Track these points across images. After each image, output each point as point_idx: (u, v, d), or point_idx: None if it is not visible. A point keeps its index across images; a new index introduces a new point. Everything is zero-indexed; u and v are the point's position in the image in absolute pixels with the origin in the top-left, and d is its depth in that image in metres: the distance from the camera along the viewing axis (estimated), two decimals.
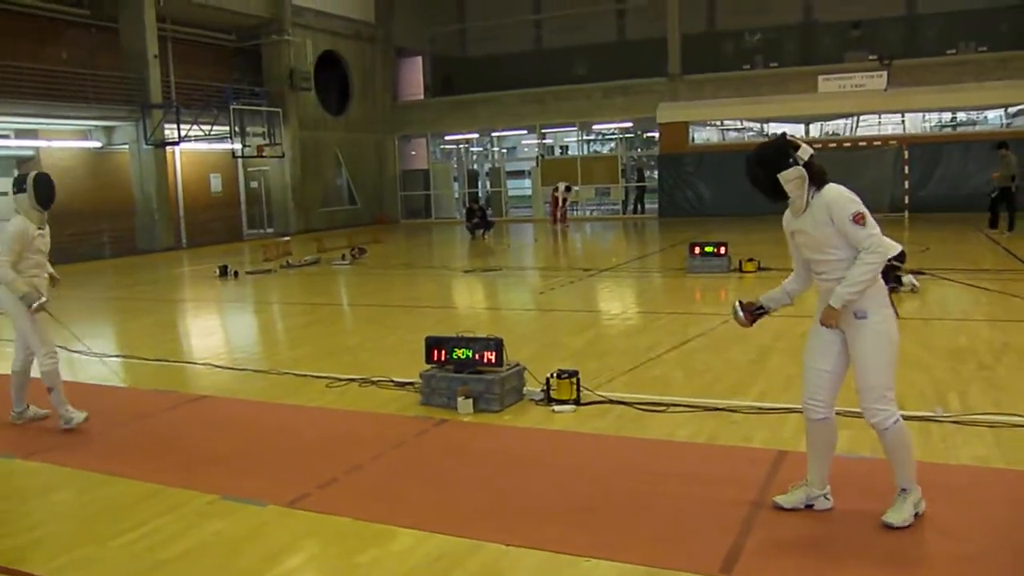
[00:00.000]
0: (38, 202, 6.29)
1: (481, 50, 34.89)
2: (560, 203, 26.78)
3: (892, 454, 4.13)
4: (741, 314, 4.53)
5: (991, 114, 27.23)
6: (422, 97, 34.73)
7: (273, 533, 4.36)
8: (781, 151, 4.13)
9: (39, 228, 6.36)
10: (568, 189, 27.14)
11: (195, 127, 23.84)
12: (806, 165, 4.08)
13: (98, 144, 24.05)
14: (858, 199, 4.03)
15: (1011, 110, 26.64)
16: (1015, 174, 18.21)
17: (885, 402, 4.04)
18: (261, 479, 5.13)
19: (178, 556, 4.12)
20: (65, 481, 5.26)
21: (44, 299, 6.21)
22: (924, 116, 27.71)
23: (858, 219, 3.95)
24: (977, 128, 27.20)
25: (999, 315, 9.53)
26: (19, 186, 6.29)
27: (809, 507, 4.32)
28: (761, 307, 4.52)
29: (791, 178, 4.08)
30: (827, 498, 4.33)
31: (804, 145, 4.14)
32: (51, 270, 6.59)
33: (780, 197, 4.16)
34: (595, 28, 32.68)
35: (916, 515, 4.12)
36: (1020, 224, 18.31)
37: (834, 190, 4.07)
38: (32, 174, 6.39)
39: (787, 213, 4.29)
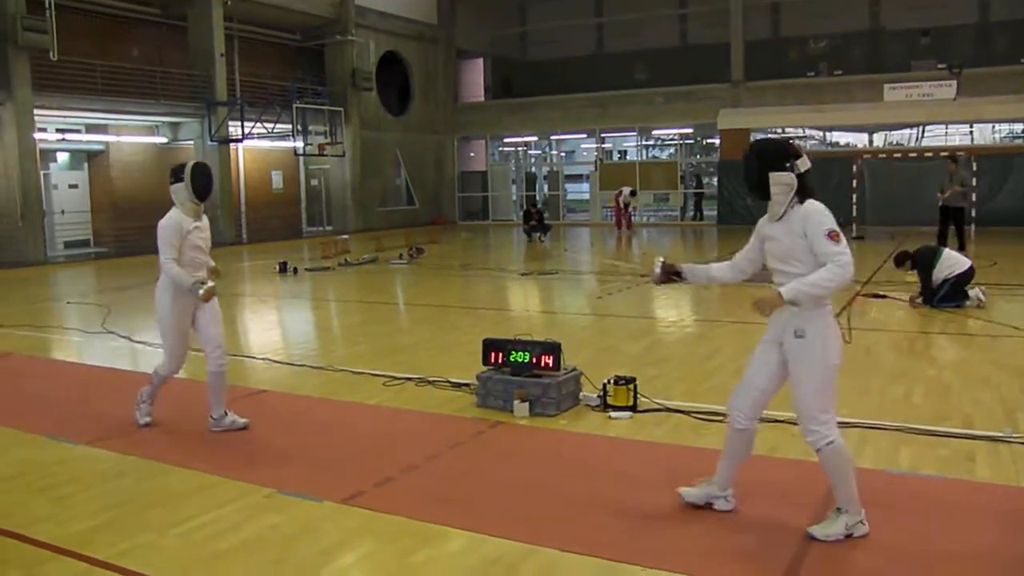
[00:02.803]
0: (195, 193, 5.93)
1: (542, 53, 34.93)
2: (624, 208, 26.60)
3: (830, 474, 4.11)
4: (658, 270, 4.52)
5: None
6: (482, 99, 34.88)
7: (328, 529, 4.38)
8: (782, 152, 4.12)
9: (196, 221, 6.01)
10: (633, 194, 26.97)
11: (258, 125, 24.24)
12: (800, 176, 4.06)
13: (164, 140, 24.56)
14: (833, 218, 4.01)
15: None
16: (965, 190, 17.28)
17: (817, 423, 4.03)
18: (317, 475, 5.17)
19: (235, 547, 4.16)
20: (128, 469, 5.35)
21: (212, 284, 5.91)
22: (994, 127, 27.05)
23: (832, 235, 3.93)
24: None
25: None
26: (176, 176, 5.94)
27: (709, 505, 4.44)
28: (679, 272, 4.54)
29: (781, 181, 4.06)
30: (728, 500, 4.44)
31: (805, 156, 4.13)
32: (211, 262, 6.22)
33: (762, 195, 4.15)
34: (657, 33, 32.54)
35: (849, 536, 4.07)
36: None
37: (814, 204, 4.05)
38: (190, 163, 6.01)
39: (763, 219, 4.28)
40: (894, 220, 22.17)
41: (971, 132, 27.00)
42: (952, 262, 10.77)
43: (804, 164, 4.09)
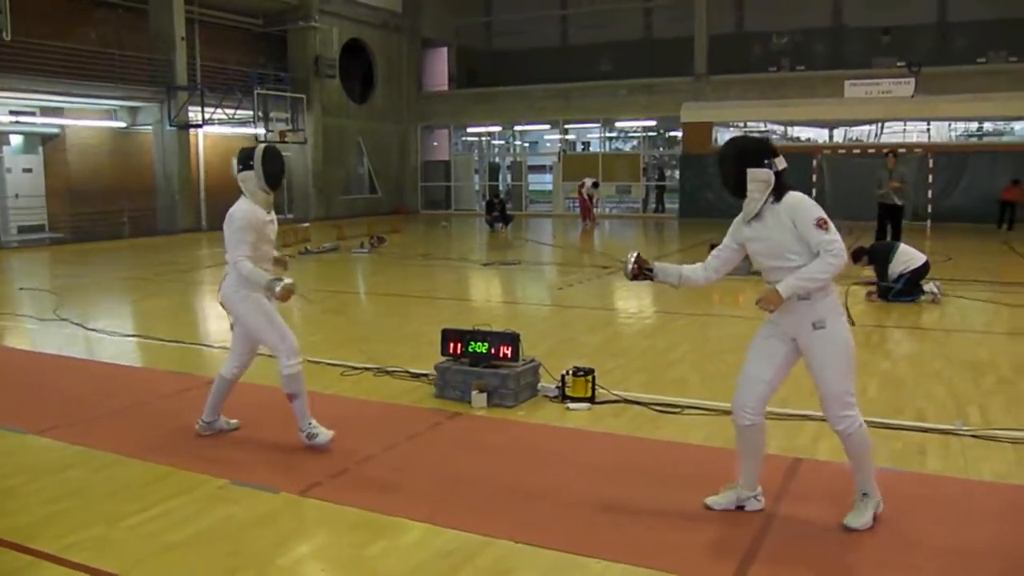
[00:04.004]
0: (267, 180, 5.36)
1: (507, 43, 34.87)
2: (588, 199, 26.63)
3: (856, 458, 4.15)
4: (631, 266, 4.45)
5: (1017, 125, 26.95)
6: (446, 88, 34.74)
7: (283, 520, 4.34)
8: (761, 149, 4.12)
9: (268, 212, 5.47)
10: (595, 185, 26.96)
11: (219, 110, 23.95)
12: (777, 174, 4.07)
13: (122, 124, 24.18)
14: (819, 206, 4.04)
15: None
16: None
17: (849, 408, 4.07)
18: (272, 466, 5.12)
19: (187, 539, 4.11)
20: (78, 459, 5.26)
21: (290, 281, 5.32)
22: (951, 125, 27.46)
23: (821, 224, 3.94)
24: (1004, 139, 26.95)
25: (1021, 328, 9.42)
26: (245, 163, 5.35)
27: (740, 508, 4.35)
28: (651, 270, 4.46)
29: (759, 178, 4.06)
30: (758, 499, 4.36)
31: (782, 156, 4.13)
32: (276, 253, 5.67)
33: (737, 192, 4.15)
34: (621, 25, 32.60)
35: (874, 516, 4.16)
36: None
37: (797, 196, 4.07)
38: (260, 148, 5.43)
39: (737, 220, 4.28)
40: (852, 215, 22.39)
41: (928, 129, 27.39)
42: (908, 257, 10.92)
43: (781, 163, 4.10)
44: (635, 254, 4.51)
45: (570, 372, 6.43)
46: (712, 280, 4.45)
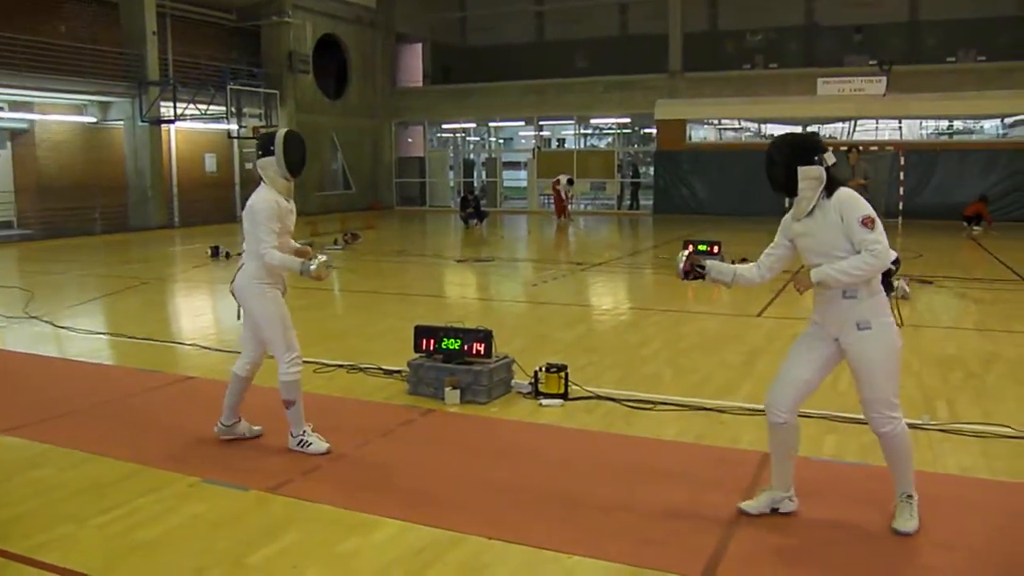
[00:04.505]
0: (288, 168, 5.14)
1: (482, 39, 34.81)
2: (564, 196, 26.64)
3: (898, 460, 4.11)
4: (682, 264, 4.40)
5: (987, 124, 27.28)
6: (421, 84, 34.62)
7: (254, 518, 4.32)
8: (812, 146, 4.08)
9: (287, 200, 5.24)
10: (570, 182, 26.99)
11: (191, 106, 23.74)
12: (827, 170, 4.04)
13: (93, 119, 23.91)
14: (868, 205, 3.99)
15: (1008, 120, 26.68)
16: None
17: (894, 409, 4.02)
18: (244, 463, 5.09)
19: (156, 538, 4.08)
20: (46, 458, 5.20)
21: (324, 257, 5.17)
22: (921, 123, 27.73)
23: (867, 222, 3.90)
24: (974, 137, 27.25)
25: (988, 324, 9.53)
26: (265, 148, 5.14)
27: (775, 511, 4.28)
28: (703, 267, 4.39)
29: (811, 176, 4.02)
30: (792, 500, 4.31)
31: (831, 152, 4.09)
32: (297, 243, 5.42)
33: (788, 191, 4.10)
34: (596, 22, 32.63)
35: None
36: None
37: (847, 192, 4.03)
38: (282, 132, 5.18)
39: (787, 217, 4.25)
40: None
41: (900, 128, 27.63)
42: None
43: (831, 158, 4.06)
44: (687, 252, 4.45)
45: (543, 368, 6.44)
46: (767, 279, 4.37)
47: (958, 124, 27.65)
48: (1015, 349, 8.19)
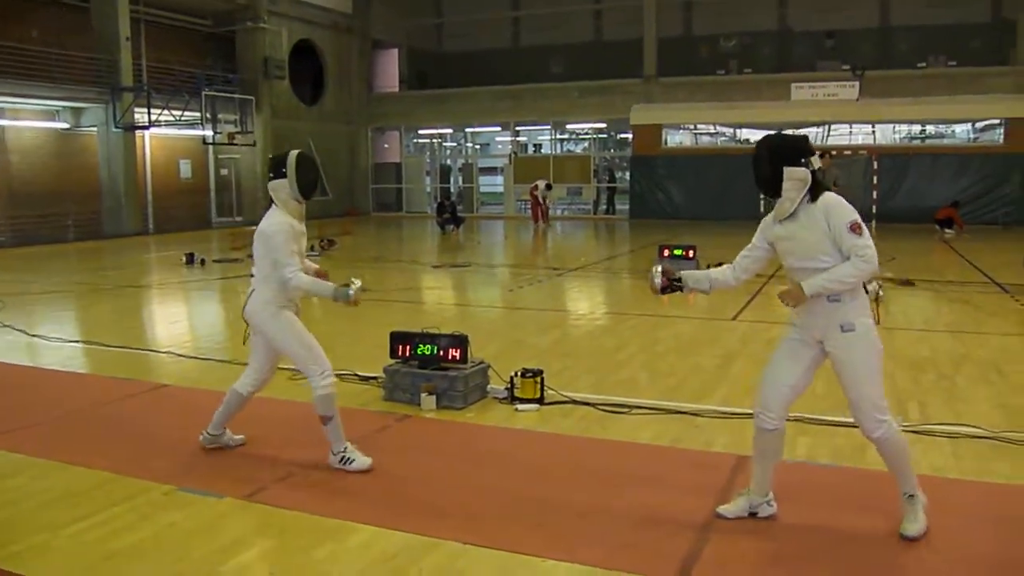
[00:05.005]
0: (300, 190, 5.07)
1: (457, 45, 34.85)
2: (541, 201, 26.72)
3: (895, 462, 4.09)
4: (658, 280, 4.39)
5: (959, 128, 27.60)
6: (397, 90, 34.61)
7: (229, 526, 4.31)
8: (799, 148, 4.07)
9: (300, 222, 5.15)
10: (548, 187, 27.07)
11: (166, 112, 23.61)
12: (812, 173, 4.03)
13: (65, 125, 23.70)
14: (854, 210, 3.99)
15: (979, 125, 27.03)
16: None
17: (883, 412, 4.01)
18: (218, 471, 5.07)
19: (130, 547, 4.06)
20: (20, 468, 5.16)
21: (358, 283, 5.02)
22: (894, 128, 28.02)
23: (855, 228, 3.91)
24: (945, 142, 27.57)
25: (960, 326, 9.65)
26: (276, 170, 5.06)
27: (753, 515, 4.29)
28: (680, 279, 4.39)
29: (796, 177, 4.00)
30: (770, 504, 4.31)
31: (818, 155, 4.09)
32: (315, 265, 5.32)
33: (771, 190, 4.08)
34: (572, 27, 32.77)
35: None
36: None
37: (834, 197, 4.02)
38: (293, 154, 5.10)
39: (767, 219, 4.24)
40: None
41: (873, 132, 27.91)
42: None
43: (817, 162, 4.05)
44: (659, 266, 4.42)
45: (519, 373, 6.45)
46: (743, 280, 4.38)
47: (930, 128, 27.97)
48: (985, 351, 8.29)
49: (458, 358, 6.37)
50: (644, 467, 5.16)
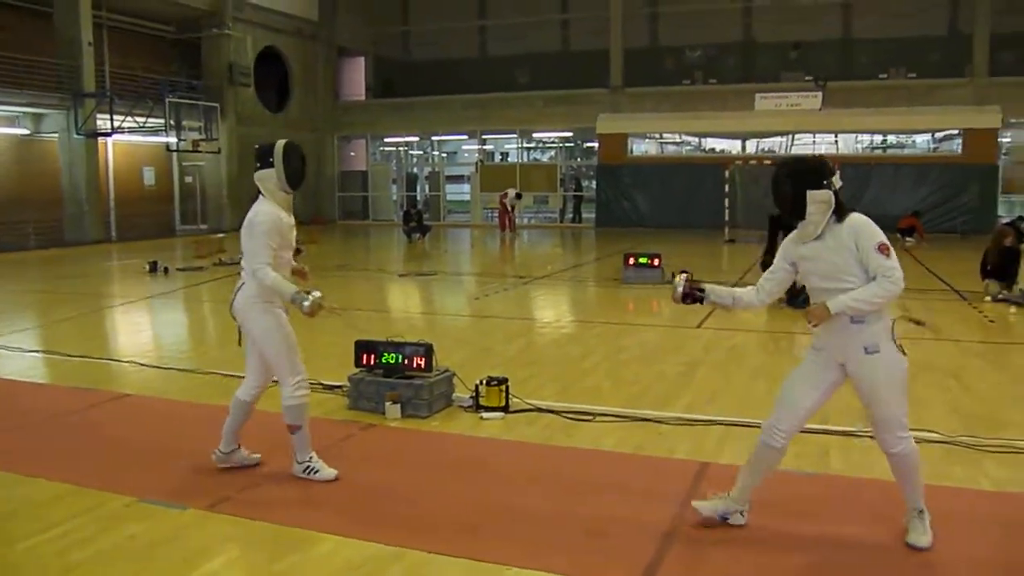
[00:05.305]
0: (288, 180, 4.95)
1: (424, 54, 34.83)
2: (509, 209, 26.77)
3: (908, 477, 4.10)
4: (681, 287, 4.31)
5: (919, 138, 28.06)
6: (363, 98, 34.53)
7: (191, 537, 4.27)
8: (820, 170, 4.03)
9: (288, 214, 5.03)
10: (518, 196, 27.17)
11: (129, 118, 23.39)
12: (835, 194, 4.00)
13: (25, 131, 23.41)
14: (881, 231, 3.98)
15: (938, 135, 27.49)
16: None
17: (904, 429, 4.02)
18: (181, 482, 5.03)
19: (88, 559, 4.01)
20: None
21: (319, 294, 4.92)
22: (856, 138, 28.43)
23: (883, 249, 3.90)
24: (906, 152, 28.02)
25: (920, 333, 9.77)
26: (263, 160, 4.93)
27: (724, 519, 4.31)
28: (703, 291, 4.32)
29: (819, 199, 3.97)
30: (743, 515, 4.32)
31: (838, 174, 4.07)
32: (295, 263, 5.24)
33: (795, 214, 4.04)
34: (539, 37, 32.87)
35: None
36: None
37: (862, 217, 4.00)
38: (281, 143, 4.97)
39: (790, 239, 4.20)
40: (764, 224, 23.03)
41: (836, 142, 28.29)
42: None
43: (839, 181, 4.01)
44: (684, 275, 4.36)
45: (484, 382, 6.46)
46: (765, 303, 4.35)
47: (891, 139, 28.42)
48: (944, 358, 8.42)
49: (423, 366, 6.37)
50: (608, 474, 5.19)
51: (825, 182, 3.99)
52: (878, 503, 4.67)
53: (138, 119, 23.58)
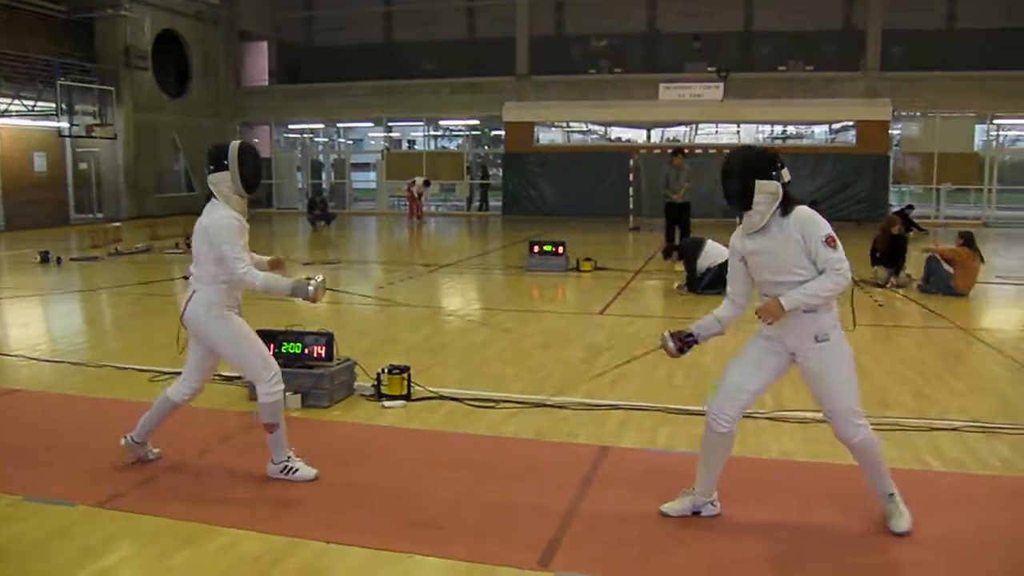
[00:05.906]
0: (244, 184, 4.74)
1: (329, 39, 34.28)
2: (417, 197, 26.62)
3: (871, 464, 4.13)
4: (671, 343, 4.37)
5: (817, 129, 28.93)
6: (266, 84, 33.84)
7: (81, 535, 4.14)
8: (770, 161, 4.06)
9: (244, 218, 4.79)
10: (427, 184, 27.05)
11: (16, 101, 22.45)
12: (783, 186, 4.03)
13: None
14: (827, 224, 4.00)
15: (834, 126, 28.38)
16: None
17: (859, 417, 4.04)
18: (72, 478, 4.87)
19: None
20: None
21: (319, 278, 4.79)
22: (758, 127, 29.12)
23: (830, 242, 3.92)
24: (804, 142, 28.85)
25: None
26: (217, 163, 4.72)
27: (696, 514, 4.31)
28: (691, 335, 4.37)
29: (767, 190, 4.00)
30: (714, 504, 4.34)
31: (787, 168, 4.09)
32: (267, 257, 5.12)
33: (742, 204, 4.06)
34: (445, 24, 32.68)
35: None
36: None
37: (807, 210, 4.02)
38: (235, 144, 4.77)
39: (736, 234, 4.22)
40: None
41: (739, 132, 28.94)
42: (715, 253, 11.48)
43: (787, 175, 4.03)
44: (667, 332, 4.39)
45: (386, 370, 6.44)
46: (745, 305, 4.33)
47: (791, 129, 29.21)
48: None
49: (323, 356, 6.31)
50: (509, 460, 5.24)
51: (774, 173, 4.03)
52: (774, 481, 4.82)
53: (26, 102, 22.64)
